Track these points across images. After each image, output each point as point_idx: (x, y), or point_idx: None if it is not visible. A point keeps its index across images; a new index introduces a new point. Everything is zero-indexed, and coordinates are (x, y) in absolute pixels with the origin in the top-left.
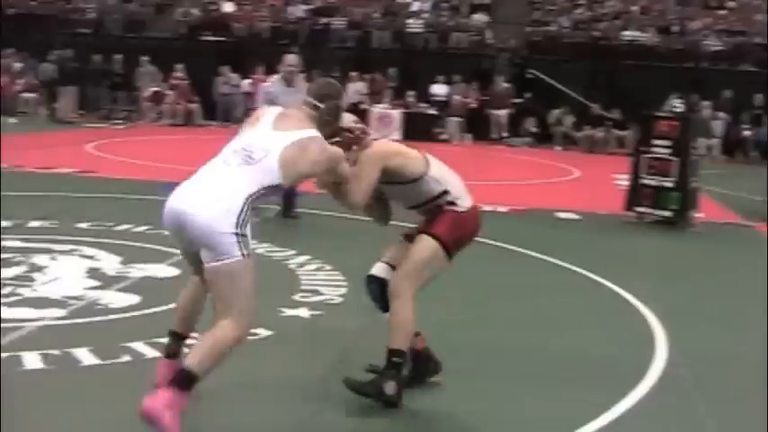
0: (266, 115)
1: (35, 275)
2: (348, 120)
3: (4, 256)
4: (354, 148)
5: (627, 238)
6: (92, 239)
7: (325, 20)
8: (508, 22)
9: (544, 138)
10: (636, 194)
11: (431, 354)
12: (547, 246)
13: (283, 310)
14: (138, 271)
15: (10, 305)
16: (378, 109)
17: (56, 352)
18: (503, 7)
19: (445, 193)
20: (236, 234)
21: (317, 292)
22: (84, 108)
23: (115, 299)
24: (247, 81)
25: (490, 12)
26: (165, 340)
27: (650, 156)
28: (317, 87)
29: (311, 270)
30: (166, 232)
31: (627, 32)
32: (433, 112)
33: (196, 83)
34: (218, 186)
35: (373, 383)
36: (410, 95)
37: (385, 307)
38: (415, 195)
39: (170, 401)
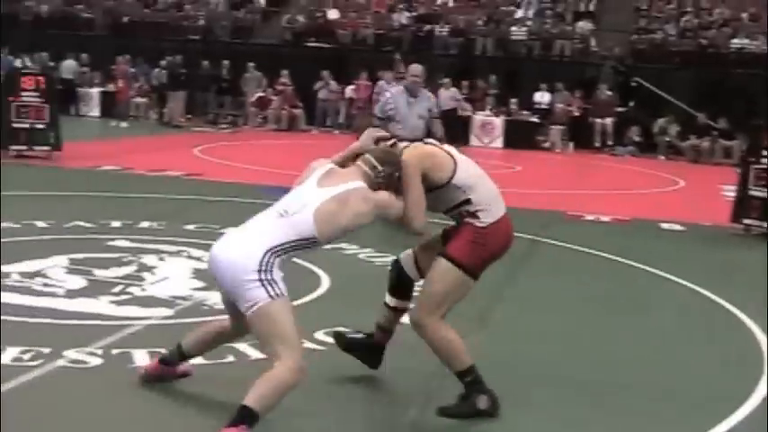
0: (316, 170)
1: (144, 275)
2: (374, 133)
3: (115, 255)
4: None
5: (733, 250)
6: (198, 241)
7: (428, 27)
8: (613, 29)
9: (648, 147)
10: (743, 206)
11: (382, 350)
12: (650, 256)
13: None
14: None
15: (120, 303)
16: (480, 116)
17: (163, 350)
18: (608, 15)
19: (467, 202)
20: (260, 280)
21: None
22: (192, 112)
23: (220, 300)
24: (350, 87)
25: (595, 19)
26: None
27: (759, 167)
28: (380, 151)
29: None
30: None
31: (735, 40)
32: (535, 119)
33: (300, 89)
34: (247, 236)
35: (467, 404)
36: (513, 103)
37: (392, 291)
38: (441, 202)
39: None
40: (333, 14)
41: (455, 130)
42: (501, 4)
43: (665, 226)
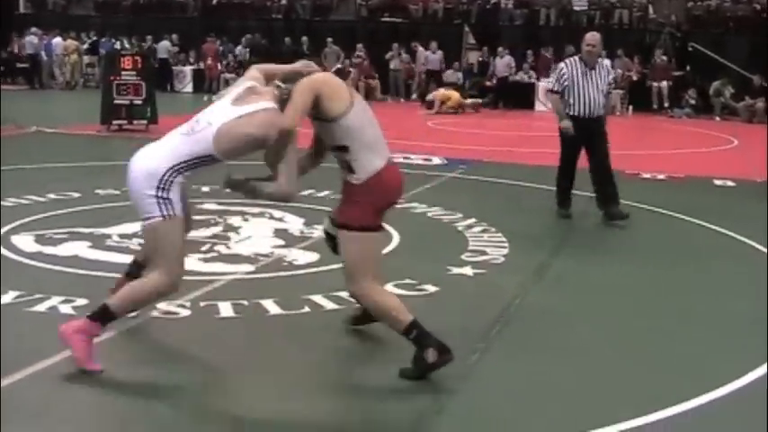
0: (236, 88)
1: (230, 234)
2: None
3: (203, 217)
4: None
5: None
6: (279, 203)
7: (494, 0)
8: None
9: (704, 108)
10: None
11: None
12: (702, 211)
13: (450, 268)
14: (319, 232)
15: (207, 260)
16: (544, 83)
17: (246, 302)
18: None
19: (344, 149)
20: (157, 197)
21: (482, 253)
22: None
23: (298, 256)
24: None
25: None
26: (341, 294)
27: None
28: (288, 71)
29: (477, 232)
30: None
31: None
32: None
33: (376, 61)
34: (155, 152)
35: (417, 364)
36: (552, 69)
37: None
38: (329, 138)
39: (81, 328)
40: None
41: (508, 95)
42: None
43: (717, 182)
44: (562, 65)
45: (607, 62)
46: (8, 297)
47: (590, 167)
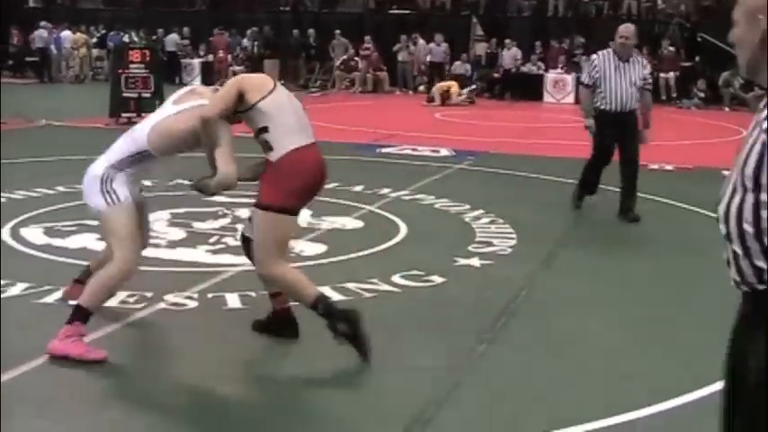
0: (182, 90)
1: (238, 226)
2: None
3: (212, 209)
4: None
5: None
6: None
7: None
8: None
9: (714, 99)
10: None
11: (292, 316)
12: (709, 201)
13: (457, 259)
14: (327, 223)
15: (215, 252)
16: (552, 74)
17: (253, 294)
18: None
19: (265, 129)
20: (101, 191)
21: (489, 244)
22: (284, 78)
23: (306, 247)
24: (430, 45)
25: None
26: (349, 285)
27: None
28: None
29: (485, 223)
30: (355, 188)
31: None
32: None
33: (384, 53)
34: (101, 156)
35: (335, 336)
36: (583, 60)
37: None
38: (254, 124)
39: (67, 334)
40: None
41: (516, 87)
42: None
43: (726, 173)
44: (594, 57)
45: (642, 58)
46: (17, 288)
47: (620, 161)
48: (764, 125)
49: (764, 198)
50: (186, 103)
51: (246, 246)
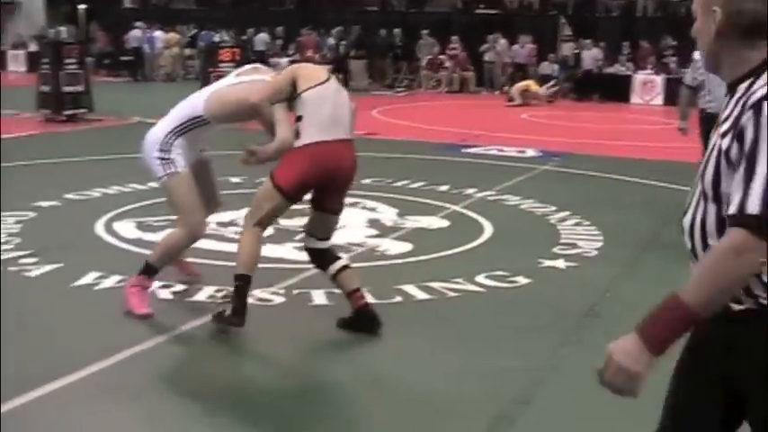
0: (247, 66)
1: None
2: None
3: (298, 207)
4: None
5: None
6: (373, 194)
7: None
8: None
9: None
10: None
11: (371, 310)
12: None
13: (542, 260)
14: (412, 222)
15: (301, 249)
16: (641, 75)
17: (337, 291)
18: None
19: (299, 118)
20: (160, 158)
21: (574, 245)
22: (372, 77)
23: (391, 246)
24: (515, 47)
25: None
26: (433, 284)
27: None
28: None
29: (570, 225)
30: (441, 187)
31: None
32: None
33: (471, 53)
34: (160, 121)
35: (218, 314)
36: (672, 62)
37: (321, 267)
38: (294, 113)
39: (135, 283)
40: None
41: (591, 87)
42: None
43: None
44: (698, 58)
45: None
46: (110, 281)
47: None
48: (721, 128)
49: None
50: (246, 77)
51: (313, 255)
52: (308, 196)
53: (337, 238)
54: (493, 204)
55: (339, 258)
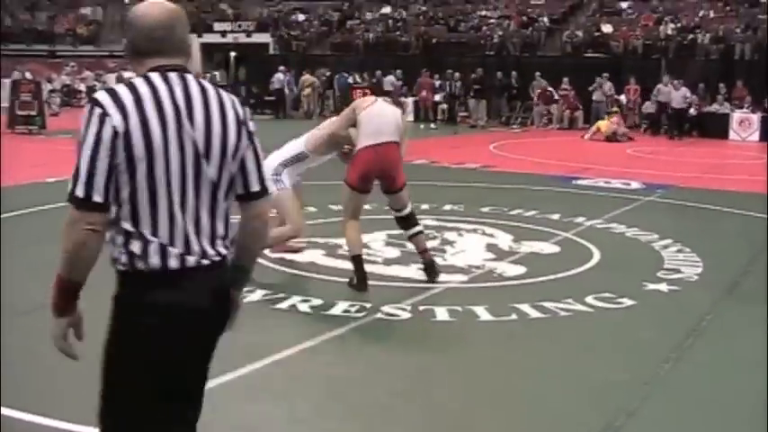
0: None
1: (446, 248)
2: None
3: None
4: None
5: None
6: (491, 221)
7: (691, 36)
8: None
9: None
10: None
11: (434, 264)
12: None
13: (646, 284)
14: (527, 247)
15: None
16: (738, 114)
17: (459, 308)
18: None
19: (360, 133)
20: (274, 180)
21: (676, 271)
22: (489, 115)
23: (507, 269)
24: (627, 88)
25: None
26: (546, 304)
27: None
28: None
29: (673, 251)
30: (552, 216)
31: None
32: None
33: (580, 93)
34: (274, 154)
35: (349, 282)
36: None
37: (402, 227)
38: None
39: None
40: (607, 28)
41: (684, 125)
42: (758, 13)
43: None
44: None
45: None
46: (257, 295)
47: None
48: None
49: None
50: (328, 121)
51: (398, 220)
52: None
53: (458, 261)
54: (600, 232)
55: (416, 225)
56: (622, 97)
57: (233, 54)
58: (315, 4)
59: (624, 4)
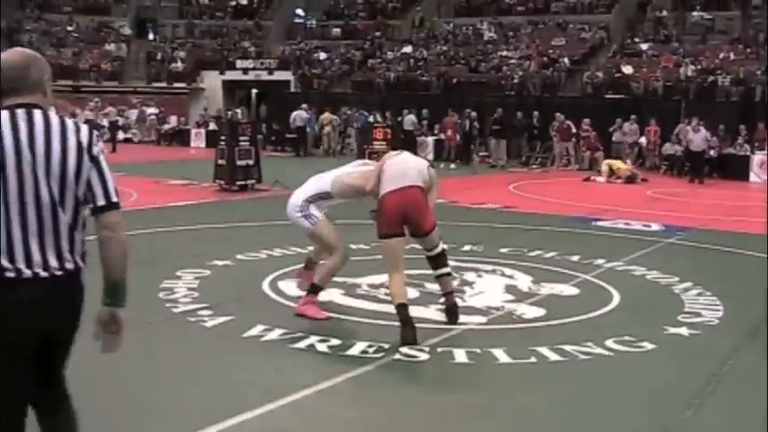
0: (360, 161)
1: (465, 289)
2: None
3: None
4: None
5: None
6: (510, 262)
7: (711, 78)
8: None
9: None
10: None
11: (456, 307)
12: None
13: (667, 327)
14: (546, 289)
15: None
16: (759, 155)
17: (478, 350)
18: None
19: (383, 180)
20: (302, 214)
21: (697, 314)
22: (509, 155)
23: (526, 311)
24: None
25: None
26: (566, 347)
27: None
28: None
29: (693, 295)
30: (572, 257)
31: None
32: None
33: (601, 134)
34: (298, 191)
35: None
36: None
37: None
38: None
39: (307, 301)
40: (627, 69)
41: (701, 167)
42: None
43: None
44: None
45: None
46: (275, 334)
47: None
48: None
49: None
50: (359, 168)
51: (429, 259)
52: None
53: (477, 302)
54: (620, 274)
55: (445, 266)
56: (642, 139)
57: (254, 91)
58: (336, 43)
59: (644, 46)
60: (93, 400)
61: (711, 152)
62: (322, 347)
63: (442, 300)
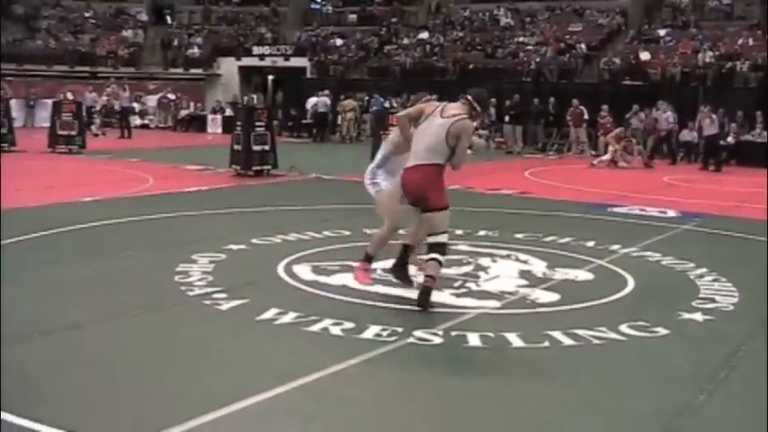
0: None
1: (480, 273)
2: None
3: (457, 257)
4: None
5: None
6: (525, 247)
7: (729, 64)
8: None
9: None
10: None
11: (428, 293)
12: None
13: (681, 313)
14: (561, 274)
15: (458, 295)
16: None
17: (492, 334)
18: None
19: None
20: (371, 182)
21: (712, 300)
22: (525, 142)
23: (541, 295)
24: (664, 115)
25: None
26: (579, 331)
27: None
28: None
29: (708, 281)
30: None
31: None
32: None
33: (618, 120)
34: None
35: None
36: None
37: None
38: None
39: (363, 267)
40: (644, 56)
41: (713, 154)
42: None
43: None
44: None
45: None
46: (289, 317)
47: None
48: None
49: None
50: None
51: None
52: None
53: (491, 287)
54: (635, 260)
55: (435, 254)
56: (686, 131)
57: (271, 77)
58: (353, 29)
59: (662, 32)
60: (109, 382)
61: (729, 138)
62: (335, 330)
63: (424, 280)
